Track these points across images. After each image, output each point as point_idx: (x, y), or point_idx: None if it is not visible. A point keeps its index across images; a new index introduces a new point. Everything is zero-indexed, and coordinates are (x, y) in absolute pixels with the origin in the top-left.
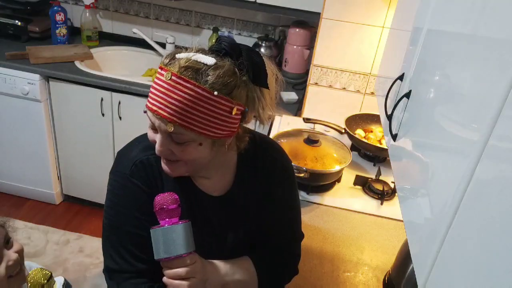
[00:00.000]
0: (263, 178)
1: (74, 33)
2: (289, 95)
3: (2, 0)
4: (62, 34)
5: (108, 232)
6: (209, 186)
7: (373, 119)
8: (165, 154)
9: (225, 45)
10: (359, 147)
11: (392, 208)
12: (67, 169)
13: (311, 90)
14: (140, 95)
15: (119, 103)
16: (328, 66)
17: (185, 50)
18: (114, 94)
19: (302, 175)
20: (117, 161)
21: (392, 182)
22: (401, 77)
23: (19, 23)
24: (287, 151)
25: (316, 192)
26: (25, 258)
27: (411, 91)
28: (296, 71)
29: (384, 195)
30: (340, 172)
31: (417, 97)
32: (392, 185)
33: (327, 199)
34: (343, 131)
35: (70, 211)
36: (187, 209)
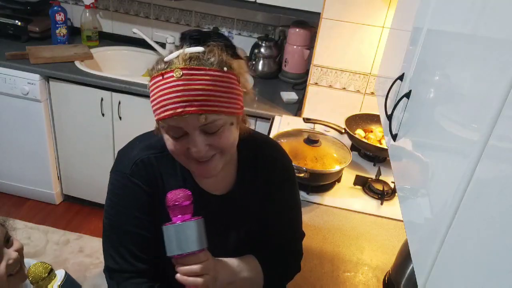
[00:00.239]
0: (264, 178)
1: (74, 33)
2: (289, 95)
3: (2, 0)
4: (62, 34)
5: (109, 231)
6: (211, 185)
7: (373, 119)
8: (205, 152)
9: (197, 36)
10: (359, 147)
11: (392, 208)
12: (67, 169)
13: (311, 90)
14: (140, 95)
15: (119, 103)
16: (328, 66)
17: (164, 56)
18: (114, 94)
19: (302, 175)
20: (117, 161)
21: (392, 182)
22: (401, 77)
23: (19, 23)
24: (287, 151)
25: (316, 192)
26: (26, 258)
27: (411, 91)
28: (296, 71)
29: (384, 195)
30: (340, 172)
31: (417, 97)
32: (392, 185)
33: (327, 199)
34: (343, 131)
35: (70, 211)
36: None
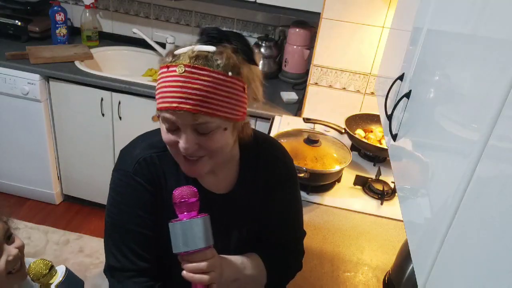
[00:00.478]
0: (266, 177)
1: (74, 33)
2: (289, 95)
3: (2, 0)
4: (62, 34)
5: (111, 230)
6: (213, 184)
7: (373, 119)
8: (192, 150)
9: (215, 34)
10: (359, 147)
11: (392, 208)
12: (67, 169)
13: (311, 90)
14: (140, 95)
15: (119, 103)
16: (328, 66)
17: (178, 48)
18: (114, 94)
19: (302, 175)
20: (120, 159)
21: (392, 182)
22: (401, 77)
23: (19, 23)
24: (287, 151)
25: (316, 192)
26: (26, 258)
27: (411, 91)
28: (296, 71)
29: (384, 195)
30: (340, 172)
31: (417, 97)
32: (392, 185)
33: (327, 199)
34: (343, 131)
35: (70, 211)
36: None
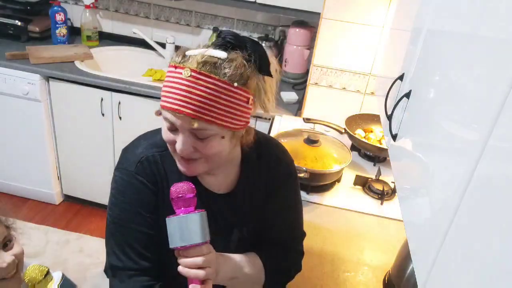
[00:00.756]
0: (267, 177)
1: (74, 33)
2: (289, 95)
3: (2, 0)
4: (62, 34)
5: (113, 229)
6: (214, 183)
7: (373, 119)
8: (187, 152)
9: (231, 38)
10: (359, 147)
11: (392, 208)
12: (67, 169)
13: (311, 90)
14: (140, 95)
15: (119, 103)
16: (328, 66)
17: (191, 47)
18: (114, 94)
19: (302, 175)
20: (122, 158)
21: (392, 182)
22: (401, 77)
23: (19, 23)
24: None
25: (316, 192)
26: (25, 258)
27: (411, 91)
28: (296, 71)
29: (384, 195)
30: (340, 172)
31: (417, 97)
32: (392, 185)
33: (327, 199)
34: (343, 131)
35: (70, 211)
36: None
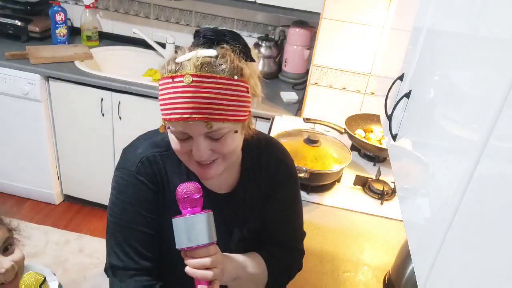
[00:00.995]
0: (267, 177)
1: (74, 33)
2: (289, 95)
3: (2, 0)
4: (62, 34)
5: (113, 229)
6: (215, 183)
7: (373, 119)
8: (207, 156)
9: (211, 35)
10: (359, 147)
11: (392, 208)
12: (67, 169)
13: (311, 90)
14: (140, 95)
15: (119, 103)
16: (328, 66)
17: (176, 54)
18: (114, 94)
19: (302, 175)
20: (122, 158)
21: (392, 182)
22: (401, 77)
23: (19, 23)
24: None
25: (316, 192)
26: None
27: (411, 91)
28: (296, 71)
29: (384, 195)
30: (340, 172)
31: (417, 97)
32: (392, 185)
33: (327, 199)
34: (343, 131)
35: (70, 211)
36: None
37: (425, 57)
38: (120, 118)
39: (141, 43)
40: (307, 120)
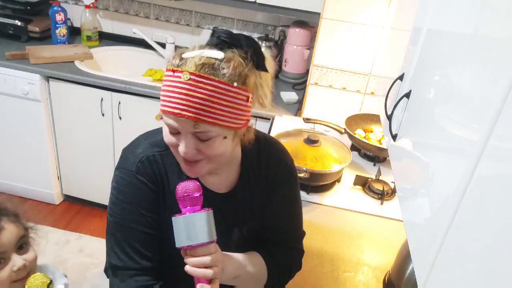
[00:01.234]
0: (267, 177)
1: (74, 33)
2: (289, 95)
3: (2, 0)
4: (62, 34)
5: (113, 229)
6: (215, 183)
7: (373, 119)
8: (191, 154)
9: (226, 37)
10: (359, 147)
11: (392, 208)
12: (67, 169)
13: (311, 90)
14: (140, 95)
15: (119, 103)
16: (328, 66)
17: (186, 49)
18: (114, 94)
19: (302, 175)
20: (122, 158)
21: (392, 182)
22: (401, 77)
23: (19, 23)
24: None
25: (316, 192)
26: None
27: (411, 91)
28: (296, 71)
29: (384, 195)
30: (340, 172)
31: (417, 97)
32: (392, 185)
33: (327, 199)
34: (343, 131)
35: (70, 211)
36: None
37: (425, 57)
38: (120, 118)
39: (141, 43)
40: (307, 120)
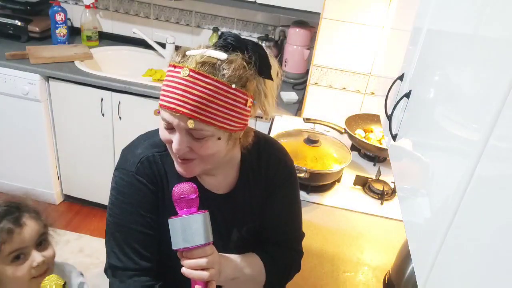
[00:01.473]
0: (266, 177)
1: (74, 33)
2: (289, 95)
3: (2, 0)
4: (62, 34)
5: (113, 229)
6: (214, 184)
7: (373, 119)
8: (183, 152)
9: (232, 40)
10: (359, 147)
11: (392, 208)
12: (67, 169)
13: (311, 90)
14: (140, 95)
15: (119, 103)
16: (328, 66)
17: (192, 48)
18: (114, 94)
19: (302, 175)
20: (122, 159)
21: (392, 182)
22: (401, 77)
23: (19, 23)
24: (287, 151)
25: (316, 192)
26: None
27: (411, 91)
28: (296, 71)
29: (384, 195)
30: (340, 172)
31: (417, 97)
32: (392, 185)
33: (327, 199)
34: (343, 131)
35: (70, 211)
36: None
37: (425, 57)
38: (120, 118)
39: (141, 43)
40: (307, 120)
